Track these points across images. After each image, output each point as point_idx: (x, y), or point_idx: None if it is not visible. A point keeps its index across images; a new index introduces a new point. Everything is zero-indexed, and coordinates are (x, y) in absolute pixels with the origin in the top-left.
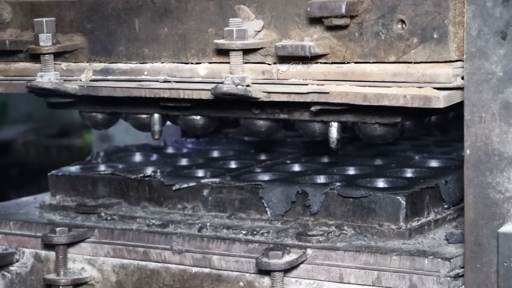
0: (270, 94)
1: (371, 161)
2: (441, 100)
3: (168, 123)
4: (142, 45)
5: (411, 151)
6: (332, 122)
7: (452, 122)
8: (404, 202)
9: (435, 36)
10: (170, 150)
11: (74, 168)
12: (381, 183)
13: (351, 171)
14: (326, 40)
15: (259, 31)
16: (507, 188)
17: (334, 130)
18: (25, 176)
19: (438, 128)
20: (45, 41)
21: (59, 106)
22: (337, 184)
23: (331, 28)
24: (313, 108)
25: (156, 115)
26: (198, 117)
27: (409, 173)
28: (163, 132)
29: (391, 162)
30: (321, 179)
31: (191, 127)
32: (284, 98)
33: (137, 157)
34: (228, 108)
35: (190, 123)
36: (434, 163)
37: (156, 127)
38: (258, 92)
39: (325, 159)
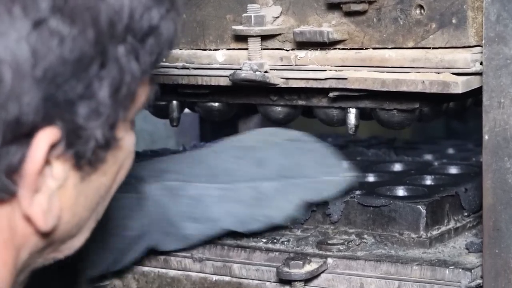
0: (288, 80)
1: None
2: (459, 86)
3: (187, 110)
4: None
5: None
6: (350, 108)
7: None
8: (425, 211)
9: (453, 21)
10: None
11: None
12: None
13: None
14: (344, 26)
15: (277, 17)
16: None
17: (352, 117)
18: None
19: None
20: None
21: None
22: (357, 192)
23: (349, 14)
24: (331, 94)
25: (174, 102)
26: (216, 104)
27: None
28: (182, 120)
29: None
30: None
31: (209, 114)
32: (302, 84)
33: None
34: (246, 94)
35: (208, 110)
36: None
37: (175, 114)
38: (276, 78)
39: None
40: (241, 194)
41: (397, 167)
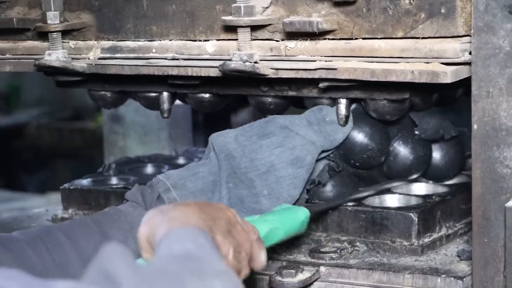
0: (278, 70)
1: None
2: (448, 75)
3: (179, 102)
4: (150, 23)
5: None
6: (341, 99)
7: None
8: (416, 219)
9: (442, 11)
10: (181, 161)
11: (86, 181)
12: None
13: None
14: (333, 16)
15: (267, 7)
16: None
17: (342, 107)
18: (38, 159)
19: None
20: (53, 19)
21: (67, 84)
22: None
23: (338, 4)
24: (321, 85)
25: (165, 93)
26: (207, 95)
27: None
28: (174, 112)
29: None
30: None
31: (200, 105)
32: (292, 74)
33: (149, 169)
34: (237, 85)
35: (198, 101)
36: None
37: (165, 106)
38: (266, 69)
39: None
40: None
41: None
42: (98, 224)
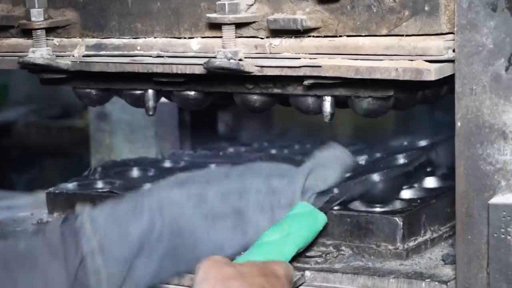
0: (263, 68)
1: None
2: (432, 73)
3: (165, 101)
4: (135, 20)
5: None
6: (326, 96)
7: None
8: (401, 223)
9: (426, 8)
10: (167, 164)
11: (71, 185)
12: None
13: None
14: (318, 14)
15: (252, 4)
16: (498, 160)
17: (327, 105)
18: (26, 158)
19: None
20: (37, 16)
21: (52, 82)
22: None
23: (323, 1)
24: (306, 82)
25: (150, 91)
26: (192, 93)
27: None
28: (160, 110)
29: None
30: None
31: (185, 103)
32: (276, 72)
33: (135, 172)
34: (222, 83)
35: (184, 99)
36: None
37: (151, 103)
38: (250, 66)
39: None
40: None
41: None
42: (6, 265)
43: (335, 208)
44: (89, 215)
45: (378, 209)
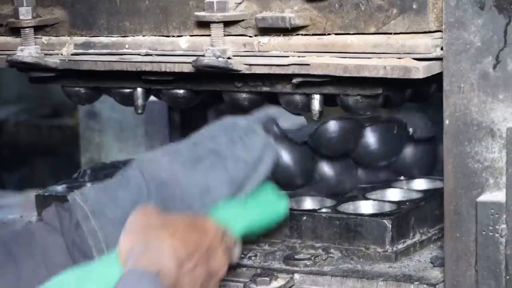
0: (252, 66)
1: None
2: (420, 71)
3: (155, 99)
4: (123, 18)
5: None
6: (314, 95)
7: None
8: (390, 226)
9: (414, 6)
10: None
11: (60, 188)
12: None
13: None
14: (306, 12)
15: (240, 3)
16: (486, 158)
17: (316, 103)
18: (17, 157)
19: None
20: (25, 14)
21: (41, 80)
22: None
23: (311, 0)
24: (294, 80)
25: (139, 89)
26: (181, 91)
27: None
28: (150, 109)
29: None
30: None
31: (174, 101)
32: (265, 70)
33: None
34: (211, 81)
35: (173, 97)
36: None
37: (140, 102)
38: (239, 64)
39: None
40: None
41: None
42: (5, 245)
43: (324, 210)
44: (80, 192)
45: (367, 212)
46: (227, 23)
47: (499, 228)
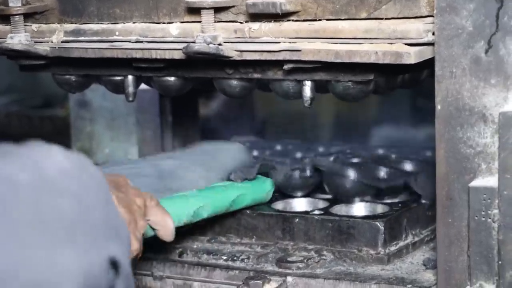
0: (243, 52)
1: None
2: (412, 56)
3: (146, 87)
4: (114, 5)
5: None
6: (306, 81)
7: None
8: (383, 228)
9: None
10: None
11: None
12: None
13: None
14: None
15: None
16: (478, 143)
17: (307, 89)
18: None
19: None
20: (15, 1)
21: (31, 68)
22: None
23: None
24: (285, 67)
25: (129, 77)
26: (172, 78)
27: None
28: (141, 97)
29: None
30: None
31: (165, 89)
32: (256, 56)
33: None
34: (202, 68)
35: (164, 85)
36: None
37: (130, 89)
38: (230, 51)
39: None
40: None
41: None
42: None
43: (317, 212)
44: None
45: (359, 214)
46: (218, 9)
47: (491, 213)
